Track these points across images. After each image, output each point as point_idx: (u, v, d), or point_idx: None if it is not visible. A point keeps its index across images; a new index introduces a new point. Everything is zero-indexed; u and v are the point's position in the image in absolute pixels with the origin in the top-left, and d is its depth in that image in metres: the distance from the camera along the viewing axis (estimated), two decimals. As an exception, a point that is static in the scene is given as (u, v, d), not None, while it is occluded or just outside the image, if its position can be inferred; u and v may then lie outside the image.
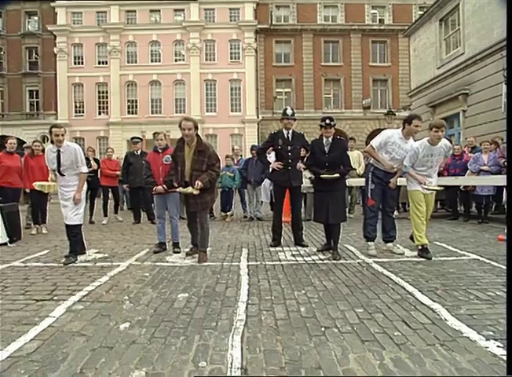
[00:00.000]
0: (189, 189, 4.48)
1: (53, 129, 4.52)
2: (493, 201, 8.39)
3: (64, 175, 4.67)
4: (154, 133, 5.61)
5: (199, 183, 4.41)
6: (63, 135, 4.53)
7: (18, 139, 19.63)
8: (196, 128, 4.56)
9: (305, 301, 3.13)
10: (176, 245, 5.33)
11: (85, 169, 4.77)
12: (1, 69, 29.75)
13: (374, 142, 5.09)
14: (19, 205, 6.87)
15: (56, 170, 4.68)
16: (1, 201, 6.27)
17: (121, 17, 29.99)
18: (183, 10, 29.95)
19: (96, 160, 8.68)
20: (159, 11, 30.32)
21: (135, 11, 30.22)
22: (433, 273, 3.94)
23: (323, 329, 2.58)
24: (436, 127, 4.65)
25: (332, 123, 4.85)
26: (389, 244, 5.18)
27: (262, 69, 29.82)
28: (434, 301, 3.09)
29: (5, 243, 5.91)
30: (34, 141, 7.52)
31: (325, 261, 4.57)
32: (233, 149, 10.21)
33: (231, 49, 29.99)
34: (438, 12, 15.23)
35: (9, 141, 7.05)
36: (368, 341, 2.39)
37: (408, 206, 6.09)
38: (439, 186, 5.05)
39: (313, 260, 4.66)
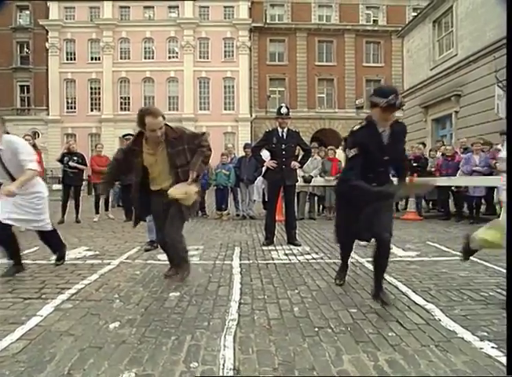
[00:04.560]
0: (183, 190, 3.26)
1: None
2: (484, 201, 8.43)
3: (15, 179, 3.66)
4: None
5: (194, 173, 3.34)
6: None
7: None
8: (164, 119, 3.35)
9: (298, 301, 3.09)
10: None
11: (32, 165, 3.66)
12: (-9, 63, 29.33)
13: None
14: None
15: (6, 175, 3.71)
16: None
17: (114, 13, 29.77)
18: (177, 7, 29.84)
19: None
20: (153, 8, 30.15)
21: (129, 7, 30.03)
22: (426, 273, 3.93)
23: (316, 329, 2.55)
24: None
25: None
26: None
27: (256, 68, 29.82)
28: (428, 301, 3.07)
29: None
30: (24, 135, 7.35)
31: (318, 261, 4.54)
32: (226, 148, 10.14)
33: (225, 47, 29.96)
34: (432, 14, 15.32)
35: None
36: (362, 342, 2.36)
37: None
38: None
39: (306, 259, 4.63)
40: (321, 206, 9.38)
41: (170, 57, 30.10)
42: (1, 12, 25.04)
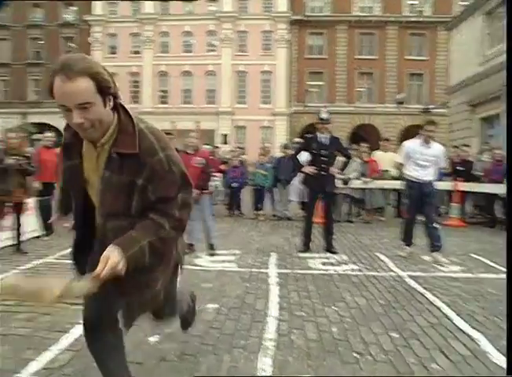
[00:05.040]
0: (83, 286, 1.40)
1: None
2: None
3: None
4: None
5: (119, 256, 1.41)
6: None
7: (55, 128, 20.39)
8: (105, 88, 1.39)
9: (336, 320, 3.04)
10: (210, 247, 5.28)
11: None
12: (40, 58, 30.64)
13: (401, 159, 5.52)
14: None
15: None
16: (43, 195, 6.48)
17: (155, 7, 30.23)
18: (216, 1, 29.85)
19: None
20: (193, 1, 30.34)
21: (169, 1, 30.39)
22: (471, 293, 3.75)
23: (356, 355, 2.49)
24: None
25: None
26: (434, 254, 5.09)
27: (295, 61, 29.43)
28: (474, 327, 2.93)
29: (39, 237, 6.09)
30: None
31: (356, 273, 4.45)
32: (263, 147, 10.09)
33: (263, 40, 29.72)
34: (484, 5, 14.47)
35: (44, 136, 7.23)
36: (404, 374, 2.28)
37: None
38: None
39: (344, 270, 4.55)
40: (358, 209, 9.18)
41: (208, 51, 30.27)
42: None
